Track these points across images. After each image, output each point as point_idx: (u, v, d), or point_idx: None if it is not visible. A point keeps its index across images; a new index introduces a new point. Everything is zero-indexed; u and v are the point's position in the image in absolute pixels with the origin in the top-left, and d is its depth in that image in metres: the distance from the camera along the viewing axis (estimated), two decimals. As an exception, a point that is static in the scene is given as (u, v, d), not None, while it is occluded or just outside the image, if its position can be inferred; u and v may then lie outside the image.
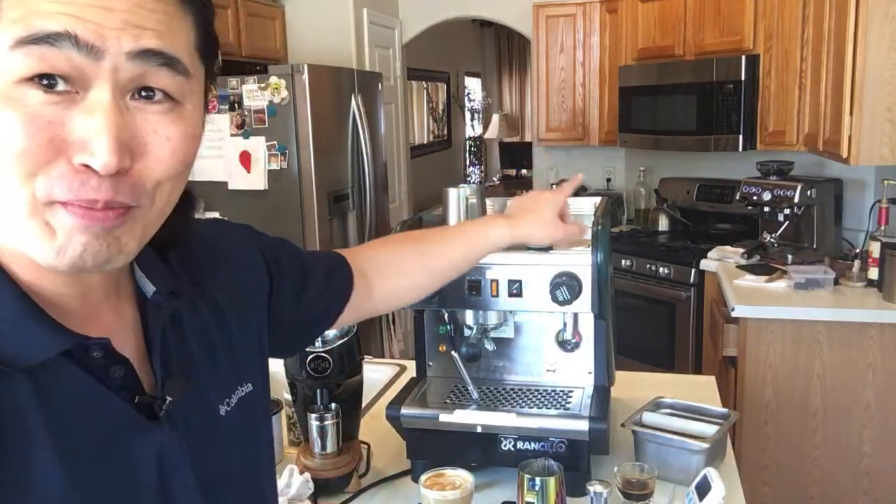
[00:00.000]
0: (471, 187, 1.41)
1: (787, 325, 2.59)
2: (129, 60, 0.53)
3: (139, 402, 0.62)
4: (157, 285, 0.66)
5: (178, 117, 0.57)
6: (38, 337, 0.56)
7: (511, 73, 9.48)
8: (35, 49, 0.50)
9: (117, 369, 0.60)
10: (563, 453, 1.34)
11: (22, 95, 0.50)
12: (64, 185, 0.52)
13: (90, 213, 0.53)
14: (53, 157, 0.52)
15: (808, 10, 3.01)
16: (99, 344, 0.59)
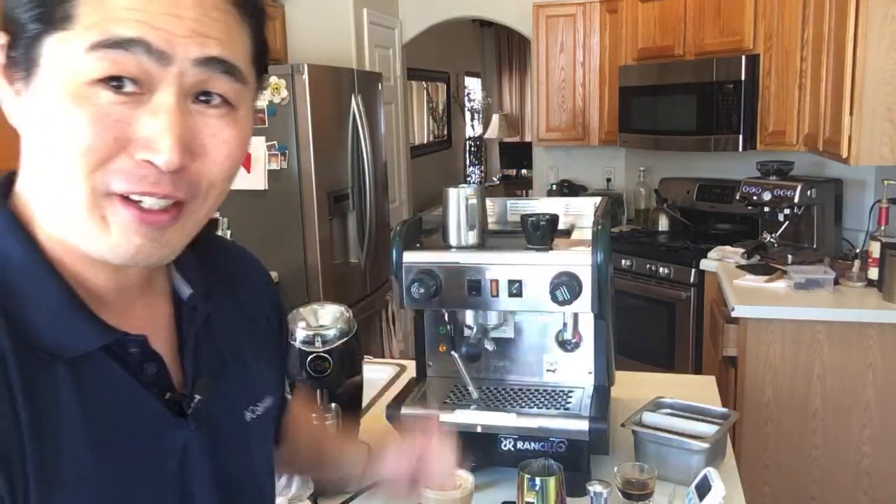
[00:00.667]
0: (471, 187, 1.41)
1: (787, 325, 2.59)
2: (193, 66, 0.56)
3: (169, 398, 0.64)
4: (193, 288, 0.69)
5: (233, 121, 0.60)
6: (80, 330, 0.59)
7: (511, 73, 9.48)
8: (109, 53, 0.53)
9: (150, 366, 0.63)
10: (563, 453, 1.34)
11: (93, 95, 0.53)
12: (123, 178, 0.55)
13: (147, 216, 0.57)
14: (117, 153, 0.55)
15: (808, 10, 3.01)
16: (136, 340, 0.62)
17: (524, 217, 1.38)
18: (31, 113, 0.56)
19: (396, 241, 1.40)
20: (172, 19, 0.54)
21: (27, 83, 0.56)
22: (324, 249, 3.40)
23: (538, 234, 1.36)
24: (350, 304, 1.92)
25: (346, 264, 3.70)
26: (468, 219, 1.39)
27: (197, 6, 0.56)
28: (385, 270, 3.93)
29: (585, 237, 1.39)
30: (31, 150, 0.58)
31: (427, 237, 1.52)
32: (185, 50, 0.55)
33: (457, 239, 1.41)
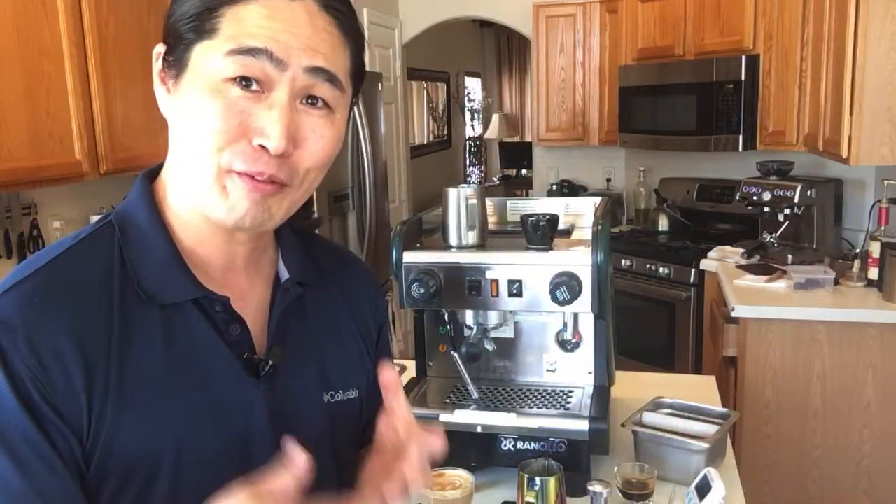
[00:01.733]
0: (471, 187, 1.41)
1: (787, 325, 2.59)
2: (304, 73, 0.70)
3: (246, 358, 0.76)
4: (292, 274, 0.82)
5: (330, 122, 0.74)
6: (175, 282, 0.73)
7: (511, 73, 9.48)
8: (241, 58, 0.68)
9: (235, 327, 0.76)
10: (563, 453, 1.34)
11: (225, 90, 0.68)
12: (241, 159, 0.69)
13: (256, 185, 0.70)
14: (238, 137, 0.69)
15: (808, 10, 3.01)
16: (220, 300, 0.75)
17: (524, 217, 1.38)
18: (177, 106, 0.72)
19: (396, 240, 1.40)
20: (291, 35, 0.69)
21: (177, 81, 0.71)
22: (324, 249, 3.39)
23: (538, 234, 1.36)
24: (350, 304, 1.92)
25: (346, 264, 3.70)
26: (468, 219, 1.40)
27: (310, 27, 0.70)
28: (385, 270, 3.93)
29: (585, 237, 1.39)
30: (174, 137, 0.73)
31: (427, 237, 1.52)
32: (298, 59, 0.69)
33: (457, 239, 1.41)
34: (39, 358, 0.65)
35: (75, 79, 2.30)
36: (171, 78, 0.72)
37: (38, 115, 2.18)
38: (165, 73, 0.73)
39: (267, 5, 0.69)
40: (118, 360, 0.69)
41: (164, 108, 0.74)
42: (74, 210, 2.78)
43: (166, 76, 0.73)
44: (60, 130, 2.26)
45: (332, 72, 0.72)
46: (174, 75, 0.71)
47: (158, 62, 0.73)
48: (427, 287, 1.35)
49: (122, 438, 0.68)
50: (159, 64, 0.73)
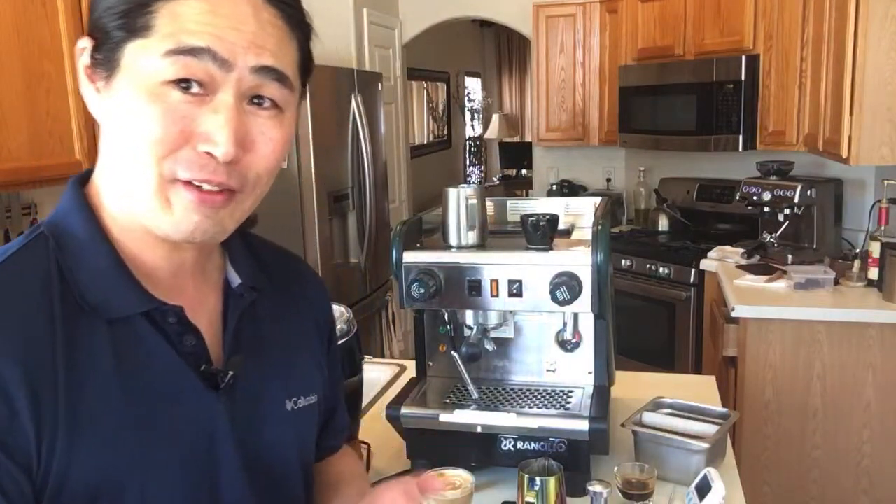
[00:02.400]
0: (471, 187, 1.41)
1: (787, 325, 2.59)
2: (250, 73, 0.65)
3: (203, 370, 0.71)
4: (243, 279, 0.78)
5: (280, 123, 0.69)
6: (122, 294, 0.67)
7: (511, 73, 9.48)
8: (181, 59, 0.62)
9: (189, 338, 0.71)
10: (563, 453, 1.34)
11: (165, 94, 0.63)
12: (185, 166, 0.64)
13: (205, 196, 0.65)
14: (182, 144, 0.64)
15: (808, 10, 3.01)
16: (174, 310, 0.70)
17: (524, 217, 1.38)
18: (110, 108, 0.66)
19: (396, 241, 1.40)
20: (235, 32, 0.64)
21: (108, 82, 0.65)
22: (324, 249, 3.40)
23: (538, 234, 1.36)
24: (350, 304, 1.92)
25: (346, 264, 3.70)
26: (468, 219, 1.39)
27: (255, 21, 0.65)
28: (385, 270, 3.93)
29: (585, 237, 1.39)
30: (108, 141, 0.68)
31: (427, 237, 1.52)
32: (244, 59, 0.64)
33: (457, 239, 1.40)
34: None
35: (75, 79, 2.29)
36: (100, 78, 0.66)
37: (38, 115, 2.18)
38: (93, 71, 0.66)
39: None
40: (66, 385, 0.62)
41: (94, 110, 0.68)
42: (74, 210, 2.78)
43: (94, 75, 0.66)
44: (60, 130, 2.26)
45: (281, 70, 0.68)
46: (104, 75, 0.65)
47: (84, 57, 0.66)
48: (427, 287, 1.35)
49: (78, 468, 0.63)
50: (86, 59, 0.66)
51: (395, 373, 1.98)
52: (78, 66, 0.67)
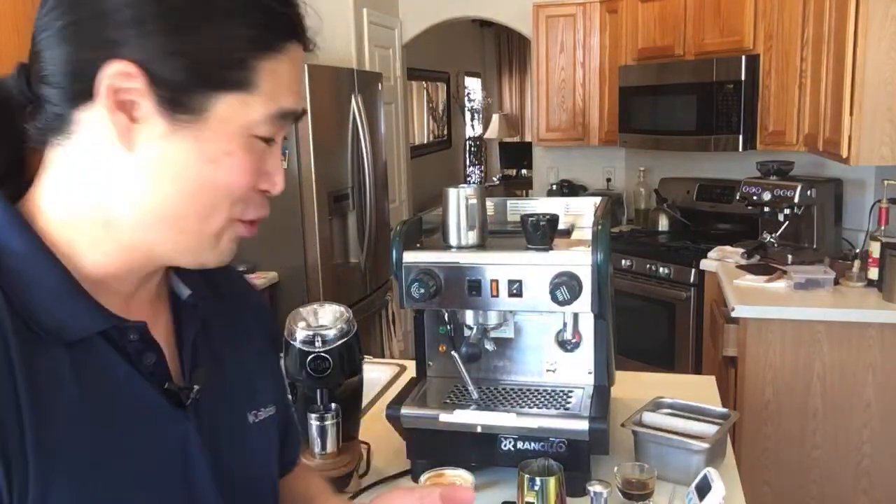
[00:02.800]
0: (471, 187, 1.41)
1: (787, 325, 2.59)
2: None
3: (167, 388, 0.67)
4: (192, 289, 0.74)
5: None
6: (79, 314, 0.61)
7: (511, 73, 9.48)
8: (280, 121, 0.65)
9: (149, 356, 0.66)
10: (563, 453, 1.34)
11: (254, 145, 0.64)
12: (254, 207, 0.67)
13: (252, 228, 0.68)
14: (254, 185, 0.66)
15: (808, 10, 3.01)
16: (136, 327, 0.65)
17: (524, 217, 1.38)
18: (164, 149, 0.61)
19: (396, 241, 1.40)
20: (301, 99, 0.68)
21: (174, 122, 0.60)
22: (324, 249, 3.40)
23: (538, 234, 1.36)
24: (350, 304, 1.92)
25: (346, 264, 3.70)
26: (468, 219, 1.39)
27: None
28: (385, 270, 3.93)
29: (585, 237, 1.39)
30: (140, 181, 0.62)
31: (427, 237, 1.52)
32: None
33: (457, 239, 1.40)
34: None
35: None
36: (152, 113, 0.60)
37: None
38: (141, 102, 0.59)
39: (293, 58, 0.65)
40: (32, 419, 0.57)
41: (120, 139, 0.60)
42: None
43: (137, 105, 0.59)
44: (60, 130, 2.26)
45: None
46: (166, 112, 0.60)
47: (129, 83, 0.58)
48: (427, 287, 1.35)
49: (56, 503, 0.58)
50: (130, 84, 0.59)
51: (395, 373, 1.98)
52: (104, 92, 0.59)
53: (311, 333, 1.35)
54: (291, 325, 1.37)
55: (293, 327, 1.37)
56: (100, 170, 0.61)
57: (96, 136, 0.61)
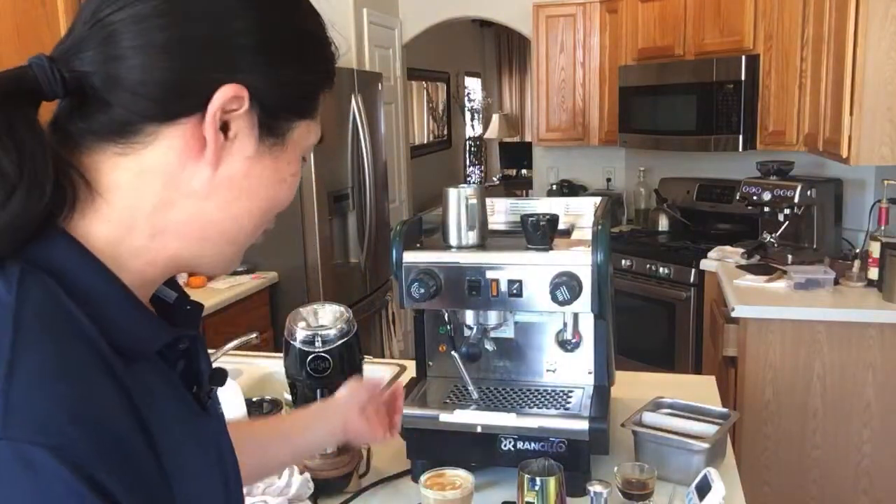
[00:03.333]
0: (471, 187, 1.41)
1: (787, 325, 2.59)
2: None
3: (194, 392, 0.68)
4: (177, 291, 0.73)
5: None
6: (151, 328, 0.62)
7: (511, 73, 9.48)
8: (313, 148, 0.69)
9: (181, 362, 0.66)
10: (563, 453, 1.34)
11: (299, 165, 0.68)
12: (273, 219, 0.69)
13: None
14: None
15: (808, 10, 3.01)
16: (189, 336, 0.66)
17: (524, 217, 1.38)
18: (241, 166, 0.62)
19: (396, 240, 1.40)
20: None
21: (262, 144, 0.62)
22: (324, 249, 3.40)
23: (538, 234, 1.36)
24: (350, 304, 1.92)
25: (346, 264, 3.70)
26: (468, 219, 1.40)
27: None
28: (385, 270, 3.93)
29: (585, 237, 1.39)
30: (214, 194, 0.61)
31: (427, 237, 1.52)
32: None
33: (457, 239, 1.41)
34: (111, 455, 0.51)
35: (75, 79, 2.30)
36: (245, 134, 0.61)
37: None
38: (237, 123, 0.60)
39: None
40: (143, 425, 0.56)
41: (207, 154, 0.60)
42: (74, 210, 2.78)
43: (232, 126, 0.60)
44: (60, 130, 2.26)
45: None
46: (257, 135, 0.61)
47: (236, 105, 0.59)
48: (427, 287, 1.35)
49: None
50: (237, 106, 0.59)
51: (395, 373, 1.98)
52: (214, 112, 0.58)
53: (311, 333, 1.35)
54: (291, 325, 1.37)
55: (293, 327, 1.37)
56: (167, 183, 0.60)
57: (176, 149, 0.59)
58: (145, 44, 0.57)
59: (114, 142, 0.58)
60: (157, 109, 0.58)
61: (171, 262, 0.64)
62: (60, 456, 0.47)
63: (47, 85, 0.57)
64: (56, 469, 0.47)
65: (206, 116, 0.58)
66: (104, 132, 0.58)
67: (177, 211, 0.61)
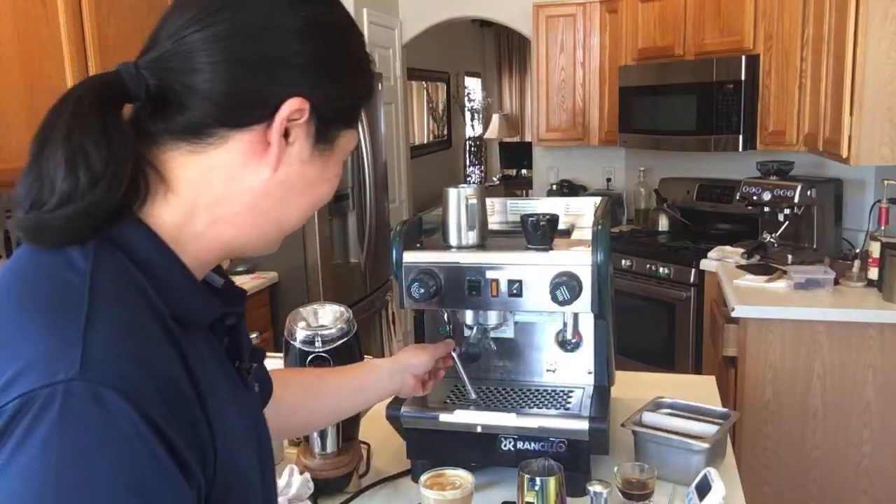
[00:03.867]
0: (471, 187, 1.41)
1: (787, 325, 2.59)
2: None
3: (238, 367, 0.76)
4: (223, 276, 0.80)
5: None
6: (205, 305, 0.70)
7: (511, 73, 9.48)
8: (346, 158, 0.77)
9: (226, 339, 0.75)
10: (563, 453, 1.34)
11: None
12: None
13: None
14: None
15: (808, 10, 3.01)
16: (236, 312, 0.75)
17: (524, 217, 1.38)
18: (298, 168, 0.70)
19: (396, 241, 1.40)
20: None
21: (314, 149, 0.71)
22: (324, 249, 3.40)
23: (538, 234, 1.36)
24: (350, 304, 1.92)
25: (346, 264, 3.70)
26: (468, 219, 1.39)
27: None
28: (385, 270, 3.93)
29: (585, 237, 1.39)
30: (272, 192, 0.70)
31: (427, 237, 1.52)
32: None
33: (457, 239, 1.41)
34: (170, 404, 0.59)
35: (75, 79, 2.30)
36: (302, 140, 0.69)
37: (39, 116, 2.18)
38: (296, 131, 0.69)
39: None
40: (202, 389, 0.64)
41: (269, 158, 0.68)
42: (74, 210, 2.78)
43: (296, 133, 0.69)
44: (60, 130, 2.26)
45: None
46: (311, 142, 0.70)
47: (298, 117, 0.68)
48: (427, 287, 1.35)
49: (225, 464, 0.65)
50: (298, 117, 0.68)
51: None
52: (281, 121, 0.67)
53: (311, 333, 1.35)
54: (291, 325, 1.37)
55: (293, 327, 1.37)
56: (230, 179, 0.68)
57: (242, 151, 0.68)
58: (224, 60, 0.65)
59: (188, 141, 0.67)
60: (231, 117, 0.66)
61: (224, 247, 0.72)
62: (128, 398, 0.55)
63: (134, 90, 0.65)
64: (123, 408, 0.55)
65: (272, 124, 0.67)
66: (180, 132, 0.67)
67: (234, 203, 0.69)
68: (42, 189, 0.61)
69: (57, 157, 0.61)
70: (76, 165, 0.61)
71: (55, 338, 0.57)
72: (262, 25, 0.67)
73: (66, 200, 0.61)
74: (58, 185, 0.61)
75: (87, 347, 0.56)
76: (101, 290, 0.60)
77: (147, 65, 0.66)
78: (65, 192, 0.61)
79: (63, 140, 0.62)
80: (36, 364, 0.55)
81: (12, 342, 0.57)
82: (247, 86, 0.66)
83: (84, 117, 0.62)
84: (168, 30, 0.66)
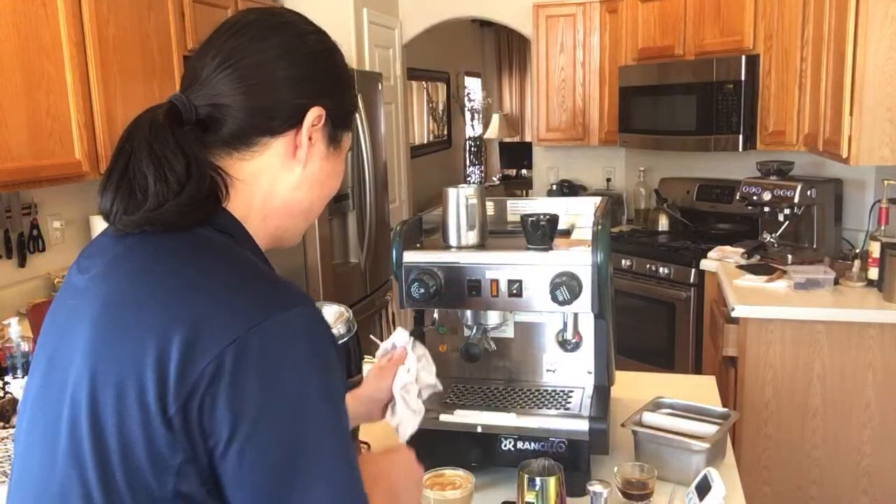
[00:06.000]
0: (471, 187, 1.41)
1: (787, 325, 2.59)
2: None
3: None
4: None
5: None
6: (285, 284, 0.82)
7: (511, 73, 9.48)
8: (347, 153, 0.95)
9: None
10: (563, 453, 1.34)
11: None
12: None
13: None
14: None
15: (808, 10, 3.01)
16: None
17: (524, 217, 1.38)
18: (317, 166, 0.88)
19: (396, 240, 1.40)
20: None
21: (327, 148, 0.88)
22: (324, 249, 3.39)
23: (538, 234, 1.36)
24: (350, 304, 1.92)
25: (346, 264, 3.70)
26: (468, 219, 1.40)
27: None
28: (385, 270, 3.93)
29: (585, 237, 1.39)
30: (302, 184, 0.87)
31: (427, 237, 1.52)
32: None
33: (457, 239, 1.41)
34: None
35: (75, 79, 2.30)
36: (320, 141, 0.87)
37: (38, 115, 2.18)
38: (316, 134, 0.86)
39: None
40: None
41: (300, 156, 0.85)
42: (74, 210, 2.78)
43: (316, 135, 0.86)
44: (60, 130, 2.26)
45: None
46: (326, 142, 0.88)
47: (318, 121, 0.85)
48: (427, 287, 1.35)
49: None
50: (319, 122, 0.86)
51: (395, 373, 1.97)
52: (308, 126, 0.84)
53: (311, 333, 1.35)
54: (291, 325, 1.37)
55: (293, 327, 1.37)
56: (273, 179, 0.85)
57: (280, 154, 0.85)
58: (264, 82, 0.82)
59: (237, 149, 0.83)
60: (272, 127, 0.83)
61: (271, 238, 0.89)
62: (323, 320, 0.78)
63: (186, 114, 0.81)
64: (325, 327, 0.78)
65: (301, 129, 0.84)
66: (232, 142, 0.83)
67: (277, 198, 0.86)
68: (133, 195, 0.77)
69: (144, 166, 0.76)
70: (162, 171, 0.76)
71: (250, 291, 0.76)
72: (280, 54, 0.83)
73: (164, 199, 0.76)
74: (150, 189, 0.76)
75: (277, 288, 0.77)
76: (239, 249, 0.81)
77: (195, 94, 0.82)
78: (160, 192, 0.76)
79: (148, 154, 0.76)
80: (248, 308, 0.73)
81: (204, 291, 0.74)
82: (285, 101, 0.83)
83: (160, 133, 0.77)
84: (212, 63, 0.82)
